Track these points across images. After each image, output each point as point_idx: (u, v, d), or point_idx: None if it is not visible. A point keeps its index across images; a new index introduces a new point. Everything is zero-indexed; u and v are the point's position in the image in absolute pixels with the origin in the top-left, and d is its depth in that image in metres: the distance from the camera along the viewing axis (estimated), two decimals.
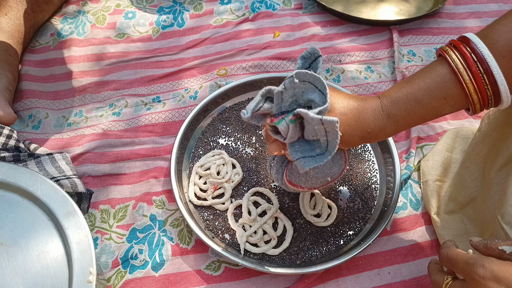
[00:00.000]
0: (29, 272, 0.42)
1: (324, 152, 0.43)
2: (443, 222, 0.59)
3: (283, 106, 0.43)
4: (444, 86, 0.43)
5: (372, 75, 0.80)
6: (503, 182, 0.49)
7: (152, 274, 0.59)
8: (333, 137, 0.41)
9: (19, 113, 0.75)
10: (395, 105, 0.45)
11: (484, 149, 0.55)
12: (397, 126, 0.45)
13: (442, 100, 0.43)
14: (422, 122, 0.46)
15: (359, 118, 0.44)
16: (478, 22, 0.90)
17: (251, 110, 0.43)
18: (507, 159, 0.49)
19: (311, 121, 0.40)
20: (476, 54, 0.41)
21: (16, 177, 0.46)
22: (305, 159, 0.43)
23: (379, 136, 0.46)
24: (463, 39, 0.43)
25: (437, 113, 0.45)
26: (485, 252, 0.40)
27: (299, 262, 0.58)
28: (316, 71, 0.44)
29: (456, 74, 0.42)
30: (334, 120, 0.40)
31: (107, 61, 0.83)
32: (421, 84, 0.44)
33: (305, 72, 0.41)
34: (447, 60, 0.43)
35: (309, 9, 0.92)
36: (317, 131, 0.42)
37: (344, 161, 0.49)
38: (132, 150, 0.70)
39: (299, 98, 0.43)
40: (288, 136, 0.43)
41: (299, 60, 0.45)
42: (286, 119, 0.43)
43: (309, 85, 0.42)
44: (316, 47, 0.44)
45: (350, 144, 0.46)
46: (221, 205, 0.62)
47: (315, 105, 0.43)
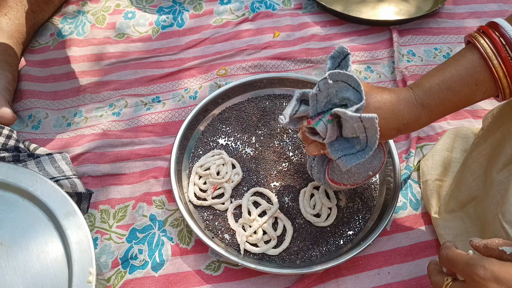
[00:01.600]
0: (29, 272, 0.42)
1: (365, 148, 0.43)
2: (443, 222, 0.59)
3: (318, 107, 0.44)
4: (474, 72, 0.43)
5: (372, 75, 0.80)
6: (505, 181, 0.49)
7: (152, 274, 0.59)
8: (372, 133, 0.42)
9: (19, 113, 0.74)
10: (428, 94, 0.45)
11: (486, 147, 0.55)
12: (432, 115, 0.46)
13: (473, 86, 0.43)
14: (455, 110, 0.46)
15: (394, 110, 0.45)
16: (478, 22, 0.90)
17: (289, 115, 0.44)
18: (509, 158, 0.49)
19: (350, 119, 0.41)
20: (505, 39, 0.41)
21: (16, 177, 0.46)
22: (346, 157, 0.44)
23: (414, 127, 0.46)
24: (492, 24, 0.43)
25: (470, 100, 0.45)
26: (485, 253, 0.39)
27: (299, 262, 0.58)
28: (346, 69, 0.44)
29: (486, 59, 0.42)
30: (373, 116, 0.40)
31: (107, 61, 0.83)
32: (453, 71, 0.44)
33: (338, 72, 0.42)
34: (476, 46, 0.43)
35: (309, 9, 0.92)
36: (356, 129, 0.42)
37: (383, 154, 0.50)
38: (132, 150, 0.70)
39: (333, 98, 0.44)
40: (327, 136, 0.44)
41: (328, 61, 0.46)
42: (323, 120, 0.43)
43: (342, 84, 0.42)
44: (344, 46, 0.45)
45: (387, 137, 0.47)
46: (221, 205, 0.62)
47: (350, 103, 0.43)
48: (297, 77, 0.75)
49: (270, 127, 0.71)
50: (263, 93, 0.76)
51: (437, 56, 0.83)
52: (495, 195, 0.51)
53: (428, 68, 0.81)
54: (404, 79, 0.77)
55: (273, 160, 0.67)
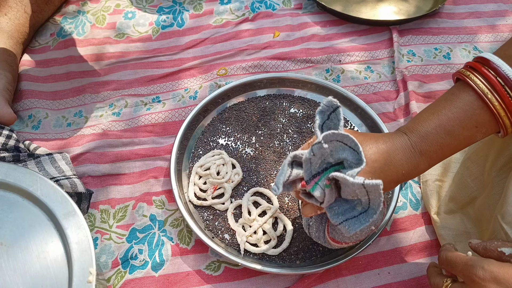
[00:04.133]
0: (29, 272, 0.42)
1: (367, 209, 0.40)
2: (443, 222, 0.59)
3: (313, 169, 0.41)
4: (473, 114, 0.41)
5: (372, 75, 0.80)
6: (504, 182, 0.49)
7: (152, 274, 0.59)
8: (376, 196, 0.38)
9: (19, 113, 0.74)
10: (425, 140, 0.42)
11: (484, 149, 0.55)
12: (431, 161, 0.43)
13: (473, 128, 0.41)
14: (454, 153, 0.44)
15: (392, 161, 0.42)
16: (477, 22, 0.90)
17: (281, 184, 0.40)
18: (507, 159, 0.49)
19: (352, 185, 0.37)
20: (500, 76, 0.39)
21: (16, 177, 0.46)
22: (348, 222, 0.40)
23: (413, 175, 0.44)
24: (482, 60, 0.41)
25: (469, 142, 0.43)
26: (484, 254, 0.40)
27: (299, 262, 0.58)
28: (338, 123, 0.41)
29: (484, 100, 0.40)
30: (378, 183, 0.36)
31: (106, 61, 0.83)
32: (449, 114, 0.41)
33: (332, 132, 0.38)
34: (471, 86, 0.41)
35: (309, 9, 0.92)
36: (358, 193, 0.39)
37: (384, 205, 0.46)
38: (132, 150, 0.70)
39: (328, 158, 0.40)
40: (326, 201, 0.41)
41: (317, 116, 0.42)
42: (320, 184, 0.40)
43: (338, 143, 0.39)
44: (333, 99, 0.41)
45: (386, 189, 0.43)
46: (221, 205, 0.62)
47: (347, 163, 0.40)
48: (297, 77, 0.75)
49: (270, 127, 0.71)
50: (263, 93, 0.76)
51: (437, 56, 0.83)
52: (493, 196, 0.51)
53: (428, 68, 0.81)
54: (404, 79, 0.77)
55: (273, 160, 0.67)
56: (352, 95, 0.72)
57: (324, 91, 0.74)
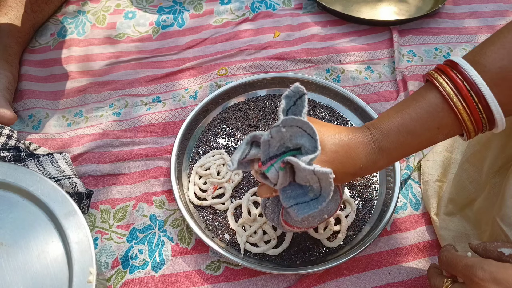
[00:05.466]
0: (29, 272, 0.42)
1: (318, 196, 0.41)
2: (443, 223, 0.59)
3: (270, 151, 0.41)
4: (437, 116, 0.41)
5: (372, 75, 0.80)
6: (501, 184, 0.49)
7: (152, 274, 0.59)
8: (326, 184, 0.39)
9: (19, 113, 0.75)
10: (386, 137, 0.43)
11: (482, 151, 0.55)
12: (390, 159, 0.44)
13: (435, 130, 0.42)
14: (415, 152, 0.44)
15: (351, 154, 0.42)
16: (477, 22, 0.90)
17: (237, 161, 0.41)
18: (504, 161, 0.49)
19: (303, 171, 0.39)
20: (467, 80, 0.39)
21: (16, 177, 0.46)
22: (298, 206, 0.41)
23: (371, 170, 0.44)
24: (451, 63, 0.41)
25: (430, 142, 0.43)
26: (484, 255, 0.40)
27: (299, 262, 0.58)
28: (302, 110, 0.42)
29: (449, 103, 0.40)
30: (327, 171, 0.38)
31: (107, 61, 0.83)
32: (412, 114, 0.42)
33: (292, 118, 0.39)
34: (437, 87, 0.41)
35: (309, 9, 0.92)
36: (309, 179, 0.40)
37: (339, 195, 0.48)
38: (132, 150, 0.70)
39: (287, 142, 0.41)
40: (279, 183, 0.42)
41: (282, 100, 0.43)
42: (275, 166, 0.41)
43: (297, 129, 0.40)
44: (299, 85, 0.42)
45: (343, 180, 0.45)
46: (221, 205, 0.62)
47: (304, 150, 0.41)
48: (297, 77, 0.75)
49: (270, 127, 0.71)
50: (263, 93, 0.76)
51: (437, 56, 0.83)
52: (491, 198, 0.51)
53: (429, 68, 0.81)
54: (404, 79, 0.77)
55: None
56: (352, 95, 0.72)
57: (324, 91, 0.74)
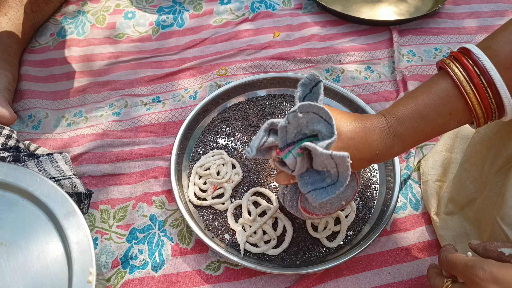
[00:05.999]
0: (29, 272, 0.42)
1: (335, 182, 0.41)
2: (443, 223, 0.59)
3: (288, 138, 0.42)
4: (448, 101, 0.42)
5: (372, 75, 0.80)
6: (502, 183, 0.49)
7: (152, 274, 0.59)
8: (344, 169, 0.40)
9: (19, 113, 0.75)
10: (401, 123, 0.43)
11: (482, 150, 0.55)
12: (405, 145, 0.44)
13: (447, 115, 0.42)
14: (428, 139, 0.45)
15: (367, 140, 0.43)
16: (477, 22, 0.90)
17: (255, 148, 0.42)
18: (505, 161, 0.49)
19: (320, 155, 0.39)
20: (478, 66, 0.40)
21: (16, 177, 0.46)
22: (316, 192, 0.42)
23: (387, 156, 0.45)
24: (464, 50, 0.42)
25: (443, 129, 0.43)
26: (484, 255, 0.40)
27: (299, 262, 0.58)
28: (318, 97, 0.43)
29: (459, 88, 0.41)
30: (344, 155, 0.38)
31: (107, 61, 0.83)
32: (426, 100, 0.43)
33: (308, 104, 0.40)
34: (449, 74, 0.42)
35: (309, 9, 0.92)
36: (327, 164, 0.40)
37: (356, 182, 0.48)
38: (132, 150, 0.70)
39: (304, 128, 0.42)
40: (297, 169, 0.42)
41: (299, 88, 0.43)
42: (293, 152, 0.41)
43: (313, 115, 0.41)
44: (315, 73, 0.43)
45: (360, 167, 0.45)
46: (221, 205, 0.62)
47: (321, 135, 0.42)
48: (297, 77, 0.75)
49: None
50: (263, 93, 0.76)
51: (437, 56, 0.83)
52: (492, 197, 0.51)
53: (428, 68, 0.81)
54: (404, 79, 0.77)
55: None
56: (352, 95, 0.72)
57: (324, 91, 0.74)
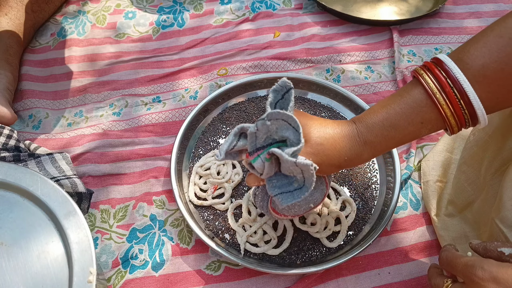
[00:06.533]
0: (29, 272, 0.42)
1: (302, 186, 0.43)
2: (443, 224, 0.59)
3: (257, 143, 0.43)
4: (420, 111, 0.42)
5: (372, 75, 0.80)
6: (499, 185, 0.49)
7: (152, 274, 0.59)
8: (309, 175, 0.41)
9: (19, 113, 0.75)
10: (370, 131, 0.44)
11: (479, 153, 0.55)
12: (374, 152, 0.45)
13: (419, 124, 0.43)
14: (399, 145, 0.46)
15: (336, 147, 0.44)
16: (477, 22, 0.90)
17: (224, 152, 0.43)
18: (501, 162, 0.50)
19: (286, 162, 0.41)
20: (450, 77, 0.40)
21: (16, 177, 0.46)
22: (283, 195, 0.43)
23: (356, 162, 0.46)
24: (436, 60, 0.42)
25: (414, 136, 0.44)
26: (484, 255, 0.40)
27: (299, 262, 0.58)
28: (289, 103, 0.44)
29: (432, 99, 0.41)
30: (308, 163, 0.39)
31: (107, 61, 0.83)
32: (397, 109, 0.43)
33: (277, 111, 0.41)
34: (422, 83, 0.42)
35: (309, 9, 0.92)
36: (292, 170, 0.42)
37: (326, 186, 0.49)
38: (132, 150, 0.70)
39: (273, 134, 0.43)
40: (264, 173, 0.43)
41: (270, 94, 0.44)
42: (261, 157, 0.43)
43: (282, 122, 0.42)
44: (287, 80, 0.43)
45: (328, 172, 0.46)
46: (221, 205, 0.62)
47: (289, 142, 0.43)
48: (297, 77, 0.75)
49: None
50: (263, 93, 0.76)
51: None
52: (490, 199, 0.51)
53: None
54: (405, 79, 0.77)
55: None
56: (353, 95, 0.72)
57: (324, 91, 0.74)
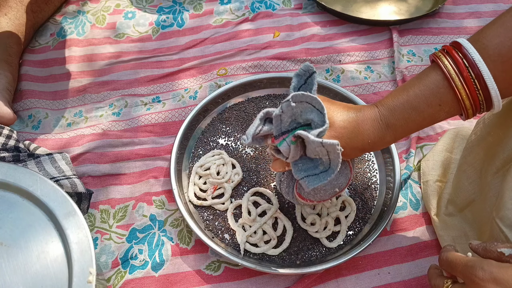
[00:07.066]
0: (29, 272, 0.42)
1: (328, 169, 0.43)
2: (443, 224, 0.59)
3: (283, 127, 0.44)
4: (438, 92, 0.43)
5: (372, 75, 0.80)
6: (500, 185, 0.49)
7: (152, 274, 0.59)
8: (335, 156, 0.41)
9: (19, 113, 0.75)
10: (392, 113, 0.45)
11: (480, 152, 0.55)
12: (396, 135, 0.46)
13: (437, 106, 0.44)
14: (419, 129, 0.46)
15: (359, 130, 0.45)
16: (477, 22, 0.90)
17: (251, 135, 0.44)
18: (503, 162, 0.49)
19: (312, 143, 0.41)
20: (467, 59, 0.41)
21: (16, 177, 0.46)
22: (309, 178, 0.44)
23: (379, 146, 0.47)
24: (455, 44, 0.43)
25: (434, 119, 0.45)
26: (484, 255, 0.40)
27: (299, 262, 0.58)
28: (312, 87, 0.44)
29: (449, 80, 0.42)
30: (334, 143, 0.40)
31: (107, 61, 0.83)
32: (417, 91, 0.44)
33: (301, 93, 0.41)
34: (440, 66, 0.43)
35: (309, 9, 0.92)
36: (318, 152, 0.42)
37: (350, 170, 0.50)
38: (132, 150, 0.70)
39: (298, 118, 0.44)
40: (290, 156, 0.44)
41: (293, 78, 0.45)
42: (287, 140, 0.43)
43: (307, 105, 0.42)
44: (309, 64, 0.44)
45: (352, 155, 0.47)
46: (221, 205, 0.62)
47: (314, 124, 0.43)
48: None
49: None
50: (263, 93, 0.76)
51: None
52: (491, 199, 0.51)
53: None
54: (404, 79, 0.77)
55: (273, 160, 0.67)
56: (352, 95, 0.72)
57: (324, 91, 0.74)
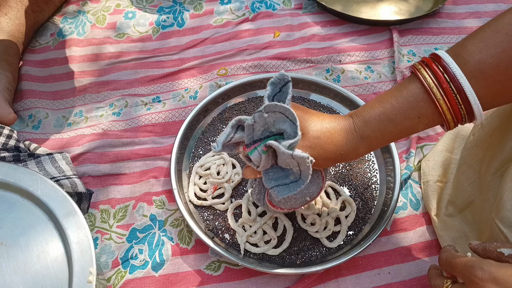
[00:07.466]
0: (29, 272, 0.42)
1: (298, 179, 0.43)
2: (443, 224, 0.59)
3: (254, 135, 0.44)
4: (417, 105, 0.42)
5: (372, 75, 0.80)
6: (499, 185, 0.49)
7: (152, 274, 0.59)
8: (305, 168, 0.41)
9: (19, 113, 0.75)
10: (367, 125, 0.44)
11: (479, 153, 0.55)
12: (371, 146, 0.45)
13: (415, 119, 0.43)
14: (396, 140, 0.46)
15: (333, 140, 0.44)
16: (477, 22, 0.90)
17: (221, 143, 0.43)
18: (501, 163, 0.50)
19: (283, 154, 0.41)
20: (447, 73, 0.41)
21: (16, 177, 0.46)
22: (279, 188, 0.43)
23: (352, 157, 0.46)
24: (434, 56, 0.43)
25: (411, 131, 0.44)
26: (484, 255, 0.40)
27: (299, 262, 0.58)
28: (286, 96, 0.44)
29: (429, 93, 0.41)
30: (304, 156, 0.40)
31: (107, 61, 0.83)
32: (394, 103, 0.43)
33: (274, 104, 0.41)
34: (419, 79, 0.42)
35: (309, 9, 0.92)
36: (289, 163, 0.42)
37: (322, 179, 0.49)
38: (132, 150, 0.70)
39: (270, 127, 0.43)
40: (261, 165, 0.44)
41: (268, 87, 0.44)
42: (258, 149, 0.43)
43: (280, 115, 0.42)
44: (284, 73, 0.43)
45: (324, 166, 0.46)
46: (221, 205, 0.62)
47: (286, 135, 0.43)
48: (297, 77, 0.75)
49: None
50: (263, 93, 0.75)
51: None
52: (490, 199, 0.51)
53: None
54: (404, 78, 0.77)
55: None
56: (352, 95, 0.72)
57: (324, 91, 0.74)
